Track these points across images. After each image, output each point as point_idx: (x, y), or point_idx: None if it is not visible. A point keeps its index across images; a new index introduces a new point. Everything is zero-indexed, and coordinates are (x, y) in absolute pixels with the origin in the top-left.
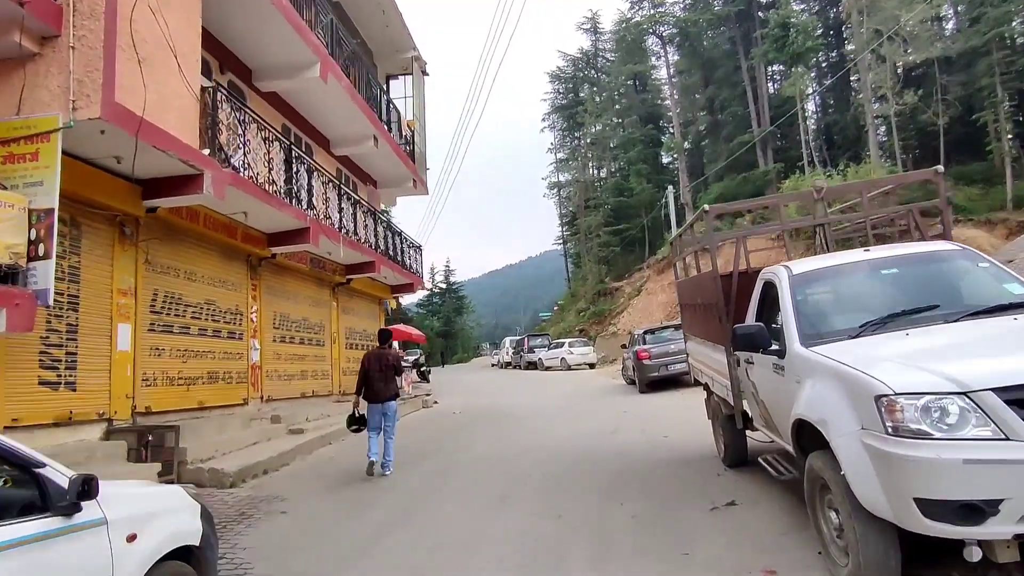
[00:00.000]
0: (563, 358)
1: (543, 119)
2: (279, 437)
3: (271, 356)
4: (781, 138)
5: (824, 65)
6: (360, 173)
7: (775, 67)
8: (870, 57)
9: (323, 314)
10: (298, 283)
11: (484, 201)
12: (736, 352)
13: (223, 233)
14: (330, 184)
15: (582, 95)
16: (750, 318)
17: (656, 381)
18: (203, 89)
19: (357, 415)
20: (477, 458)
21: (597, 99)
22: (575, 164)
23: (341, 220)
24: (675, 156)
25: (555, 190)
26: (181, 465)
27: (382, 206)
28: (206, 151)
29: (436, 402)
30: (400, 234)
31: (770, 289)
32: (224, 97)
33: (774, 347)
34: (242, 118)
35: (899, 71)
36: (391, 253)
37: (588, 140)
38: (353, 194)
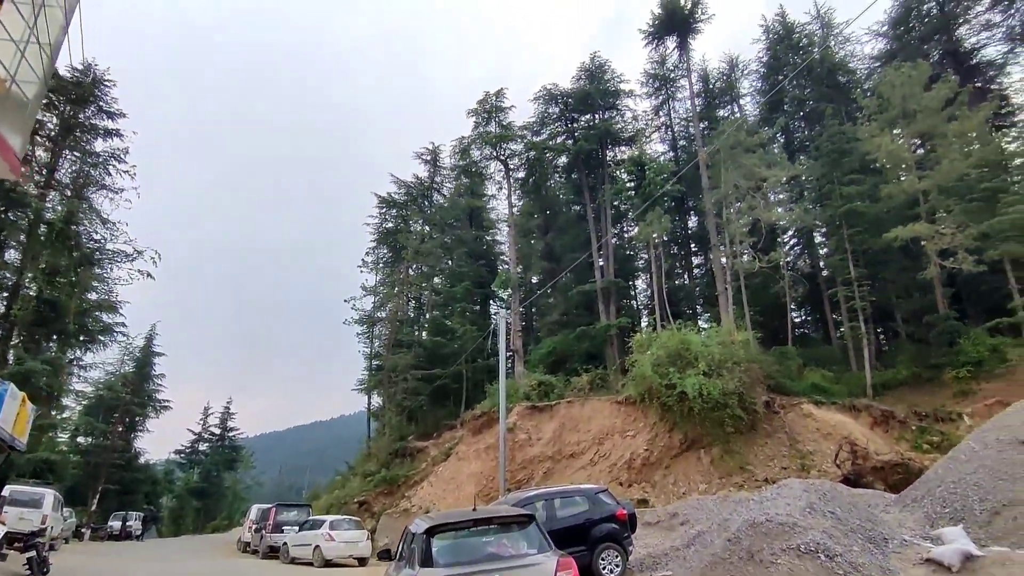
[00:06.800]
0: (318, 546)
1: (367, 252)
2: None
3: None
4: (623, 296)
5: (677, 234)
6: None
7: (624, 226)
8: (728, 212)
9: None
10: None
11: (296, 347)
12: None
13: None
14: None
15: (413, 226)
16: None
17: None
18: None
19: None
20: None
21: (427, 228)
22: (392, 295)
23: None
24: (510, 294)
25: (365, 326)
26: None
27: None
28: None
29: None
30: None
31: None
32: None
33: None
34: None
35: (754, 236)
36: None
37: (410, 271)
38: None
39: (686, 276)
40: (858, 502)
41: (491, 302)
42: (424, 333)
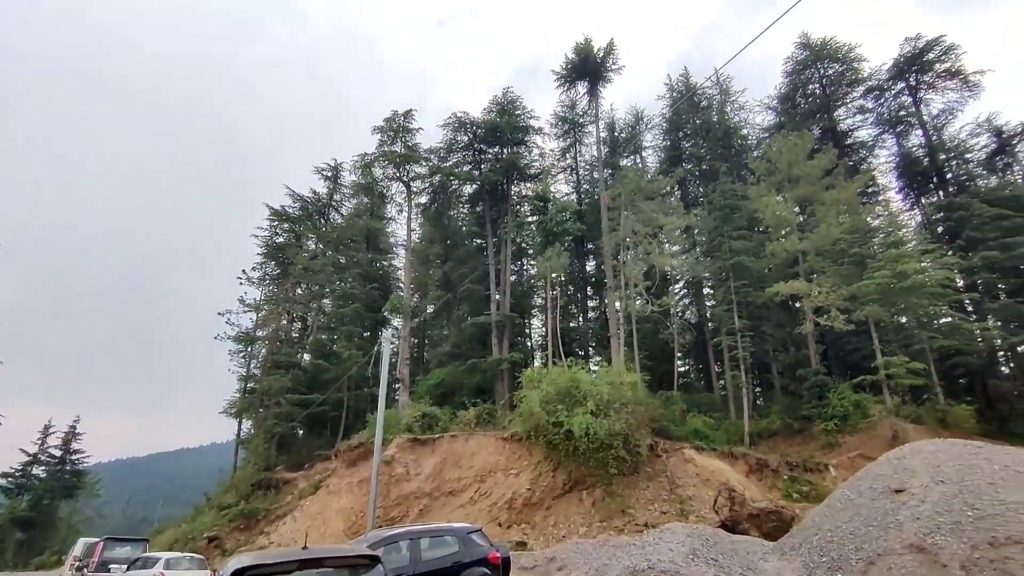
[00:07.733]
0: None
1: (253, 267)
2: None
3: None
4: (518, 333)
5: (575, 276)
6: None
7: (525, 261)
8: (625, 255)
9: None
10: None
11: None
12: None
13: None
14: None
15: (306, 242)
16: None
17: None
18: None
19: None
20: None
21: (320, 246)
22: (276, 312)
23: None
24: (401, 322)
25: (242, 344)
26: None
27: None
28: None
29: None
30: None
31: None
32: None
33: None
34: None
35: (648, 280)
36: None
37: (298, 289)
38: None
39: (581, 318)
40: (738, 549)
41: (383, 328)
42: (307, 355)
